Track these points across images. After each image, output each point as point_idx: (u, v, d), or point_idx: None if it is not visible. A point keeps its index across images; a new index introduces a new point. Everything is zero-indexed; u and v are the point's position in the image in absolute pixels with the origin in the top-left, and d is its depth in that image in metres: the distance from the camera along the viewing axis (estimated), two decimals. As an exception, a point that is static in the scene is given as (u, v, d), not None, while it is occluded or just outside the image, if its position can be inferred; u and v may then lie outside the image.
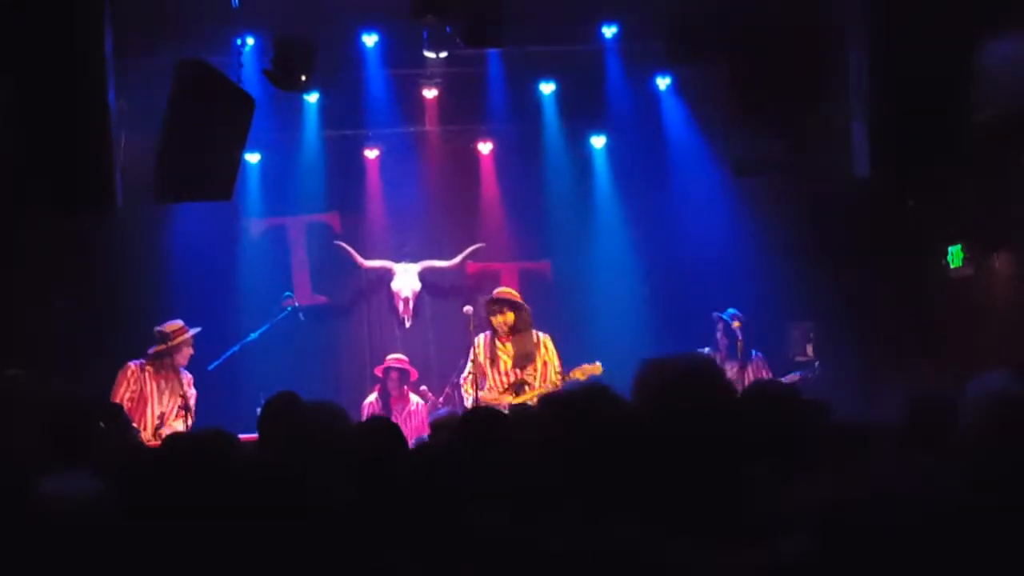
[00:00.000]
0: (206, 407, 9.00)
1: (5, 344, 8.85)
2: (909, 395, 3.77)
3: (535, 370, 8.94)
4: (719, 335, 9.32)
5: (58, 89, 7.37)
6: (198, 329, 9.05)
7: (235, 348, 9.62)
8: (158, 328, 8.90)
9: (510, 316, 9.02)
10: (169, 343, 8.84)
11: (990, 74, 7.66)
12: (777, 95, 8.94)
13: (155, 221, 10.08)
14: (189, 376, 9.04)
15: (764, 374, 9.19)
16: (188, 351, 8.98)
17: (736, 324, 9.25)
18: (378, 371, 9.85)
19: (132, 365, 8.87)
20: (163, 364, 8.85)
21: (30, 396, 7.79)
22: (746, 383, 8.95)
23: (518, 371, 8.98)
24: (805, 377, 9.15)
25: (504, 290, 9.37)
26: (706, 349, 9.17)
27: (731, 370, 9.05)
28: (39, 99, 7.33)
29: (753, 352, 9.25)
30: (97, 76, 7.54)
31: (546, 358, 8.99)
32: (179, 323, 9.00)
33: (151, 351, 8.88)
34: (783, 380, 8.96)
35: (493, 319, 9.07)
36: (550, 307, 10.70)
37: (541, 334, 9.10)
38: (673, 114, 10.69)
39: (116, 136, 7.77)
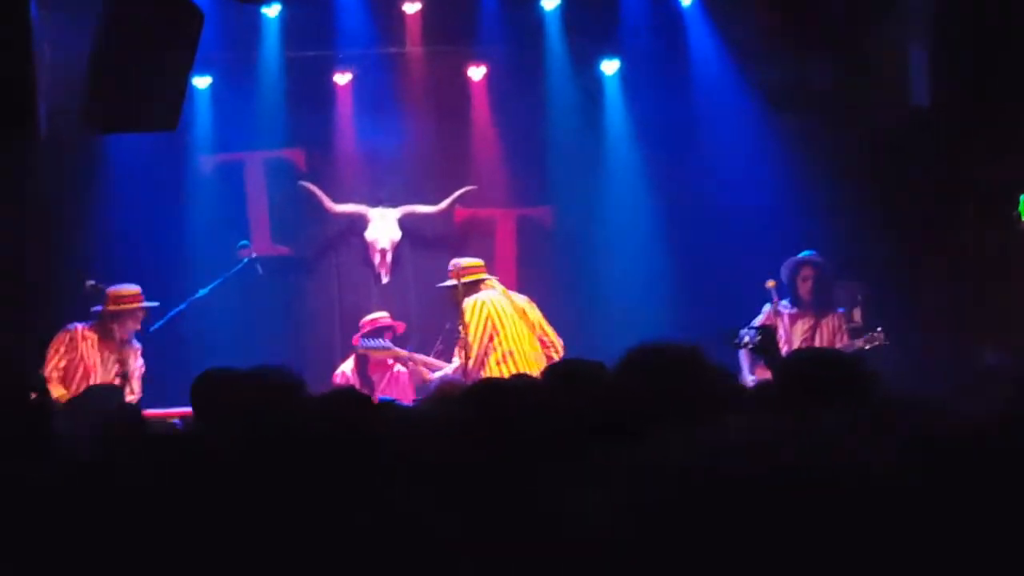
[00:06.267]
0: (148, 372, 9.03)
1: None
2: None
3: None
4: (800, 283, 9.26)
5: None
6: (155, 304, 9.01)
7: (181, 307, 9.58)
8: (107, 289, 8.82)
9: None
10: (109, 306, 8.75)
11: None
12: (823, 13, 8.89)
13: (85, 155, 9.96)
14: (138, 346, 9.02)
15: (840, 340, 9.16)
16: (132, 324, 8.89)
17: (770, 284, 9.20)
18: (356, 340, 9.78)
19: (74, 328, 8.84)
20: (108, 331, 8.79)
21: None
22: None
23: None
24: (868, 347, 9.00)
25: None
26: (784, 302, 9.17)
27: (804, 326, 9.16)
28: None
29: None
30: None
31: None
32: (135, 289, 8.90)
33: (93, 311, 8.86)
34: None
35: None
36: (550, 260, 10.83)
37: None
38: (699, 35, 10.57)
39: (39, 53, 7.73)
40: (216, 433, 3.83)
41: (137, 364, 8.94)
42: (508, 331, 8.91)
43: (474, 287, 9.03)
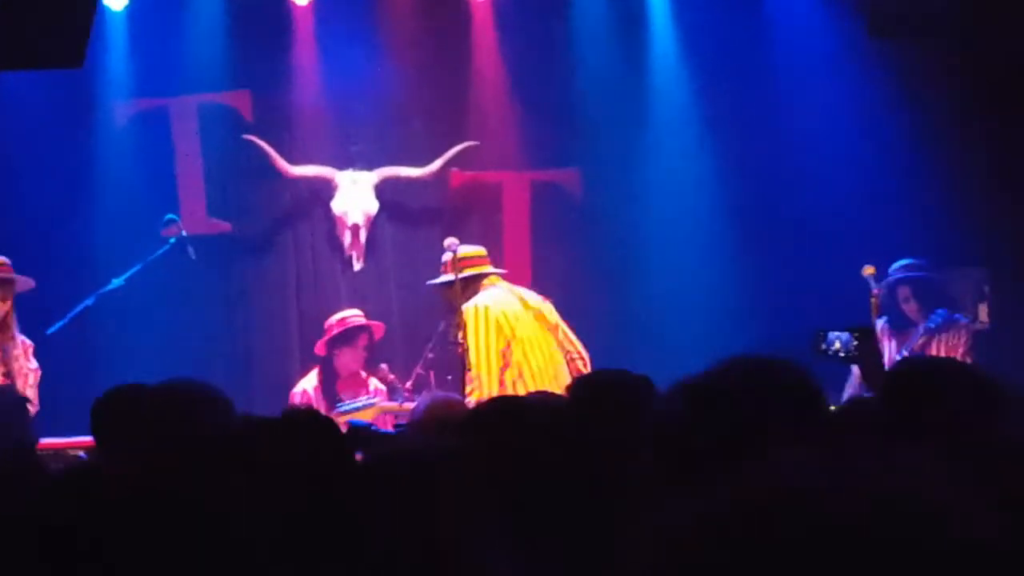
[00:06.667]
0: (44, 390, 8.94)
1: None
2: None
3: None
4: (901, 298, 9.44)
5: None
6: (29, 282, 8.99)
7: (88, 301, 9.65)
8: None
9: None
10: None
11: None
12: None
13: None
14: (27, 343, 8.98)
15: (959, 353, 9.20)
16: (2, 306, 8.83)
17: (868, 271, 9.30)
18: (320, 348, 9.87)
19: None
20: None
21: None
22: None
23: None
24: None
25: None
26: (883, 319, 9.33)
27: (916, 346, 9.22)
28: None
29: (942, 316, 9.29)
30: None
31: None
32: (1, 259, 8.95)
33: None
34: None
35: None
36: (576, 239, 10.94)
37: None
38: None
39: None
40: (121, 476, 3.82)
41: (31, 365, 8.91)
42: (522, 339, 8.87)
43: (474, 285, 8.98)
